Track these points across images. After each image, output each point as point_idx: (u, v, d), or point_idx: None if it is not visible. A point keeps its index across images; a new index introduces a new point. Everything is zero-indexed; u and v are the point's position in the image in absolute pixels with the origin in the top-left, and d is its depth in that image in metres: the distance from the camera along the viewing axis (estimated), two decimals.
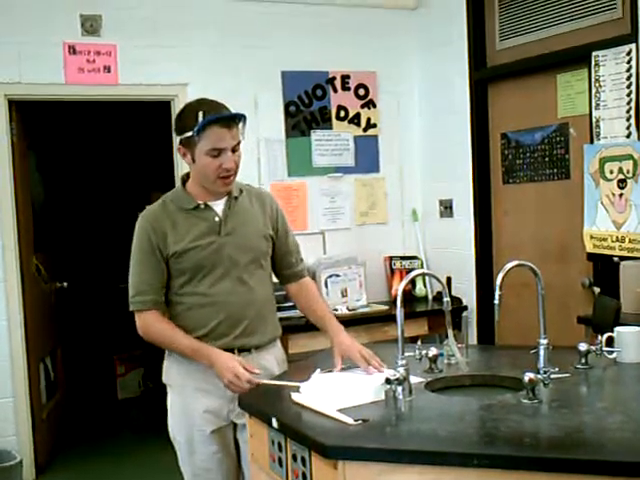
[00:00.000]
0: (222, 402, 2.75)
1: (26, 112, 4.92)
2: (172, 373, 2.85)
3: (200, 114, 2.58)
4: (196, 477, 2.84)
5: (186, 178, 2.83)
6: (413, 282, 5.37)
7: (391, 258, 5.47)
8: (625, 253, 3.98)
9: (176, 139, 2.73)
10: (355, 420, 2.13)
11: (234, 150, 2.66)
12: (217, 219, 2.75)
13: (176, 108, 4.92)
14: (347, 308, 4.96)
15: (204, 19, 4.96)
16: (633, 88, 3.92)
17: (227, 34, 5.02)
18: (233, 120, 2.65)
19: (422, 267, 5.42)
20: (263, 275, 2.87)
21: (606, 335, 2.71)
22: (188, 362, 2.74)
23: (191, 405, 2.78)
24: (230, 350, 2.72)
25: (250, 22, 5.08)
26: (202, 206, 2.75)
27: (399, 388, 2.30)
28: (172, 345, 2.75)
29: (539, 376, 2.30)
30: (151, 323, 2.74)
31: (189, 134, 2.62)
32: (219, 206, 2.77)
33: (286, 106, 5.19)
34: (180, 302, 2.77)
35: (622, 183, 4.01)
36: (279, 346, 2.98)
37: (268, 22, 5.12)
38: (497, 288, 2.47)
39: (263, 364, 2.81)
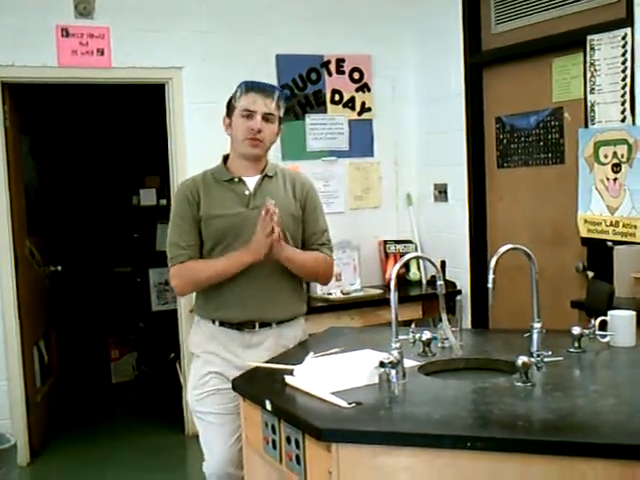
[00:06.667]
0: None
1: (19, 95, 4.89)
2: (197, 339, 2.97)
3: (242, 84, 2.91)
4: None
5: (227, 156, 3.02)
6: (407, 266, 5.38)
7: (385, 242, 5.47)
8: (619, 238, 3.98)
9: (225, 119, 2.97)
10: (349, 403, 2.14)
11: (266, 120, 2.87)
12: (247, 192, 2.91)
13: (170, 91, 4.91)
14: (341, 292, 4.96)
15: (198, 2, 4.93)
16: (628, 72, 3.91)
17: (222, 17, 4.99)
18: (265, 89, 2.91)
19: (416, 251, 5.42)
20: None
21: (599, 319, 2.72)
22: (213, 327, 2.91)
23: (206, 368, 2.90)
24: (250, 322, 2.87)
25: (245, 5, 5.05)
26: (236, 179, 2.93)
27: (393, 371, 2.31)
28: (209, 269, 2.84)
29: (532, 359, 2.32)
30: (187, 266, 2.86)
31: (231, 101, 2.93)
32: (252, 182, 2.94)
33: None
34: None
35: (616, 167, 4.01)
36: (302, 323, 3.04)
37: (263, 5, 5.09)
38: (491, 272, 2.48)
39: (282, 342, 2.91)
